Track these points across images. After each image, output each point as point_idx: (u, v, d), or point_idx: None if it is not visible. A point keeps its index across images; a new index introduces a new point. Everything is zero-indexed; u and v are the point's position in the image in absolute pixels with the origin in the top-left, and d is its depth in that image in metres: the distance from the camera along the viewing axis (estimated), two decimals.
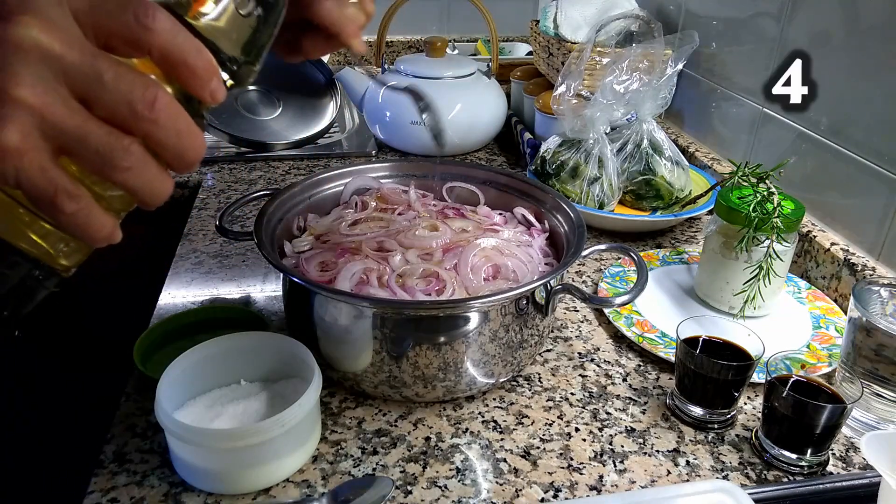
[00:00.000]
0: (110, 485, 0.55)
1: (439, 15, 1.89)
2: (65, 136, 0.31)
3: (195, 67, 0.34)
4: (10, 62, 0.30)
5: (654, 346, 0.73)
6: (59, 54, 0.31)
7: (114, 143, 0.32)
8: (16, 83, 0.30)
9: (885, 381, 0.61)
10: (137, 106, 0.32)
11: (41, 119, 0.31)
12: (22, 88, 0.30)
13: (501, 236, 0.72)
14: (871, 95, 0.82)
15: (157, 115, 0.33)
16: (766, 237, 0.74)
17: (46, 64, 0.30)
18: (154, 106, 0.32)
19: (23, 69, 0.30)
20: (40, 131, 0.31)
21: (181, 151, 0.34)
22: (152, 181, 0.34)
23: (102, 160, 0.32)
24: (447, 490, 0.56)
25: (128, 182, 0.33)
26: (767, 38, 1.00)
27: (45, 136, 0.31)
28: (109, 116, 0.32)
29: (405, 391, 0.63)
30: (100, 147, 0.32)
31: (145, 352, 0.67)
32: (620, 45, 1.04)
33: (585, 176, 0.98)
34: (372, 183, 0.81)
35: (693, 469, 0.60)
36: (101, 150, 0.32)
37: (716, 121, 1.17)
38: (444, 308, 0.60)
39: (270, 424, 0.52)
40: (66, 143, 0.31)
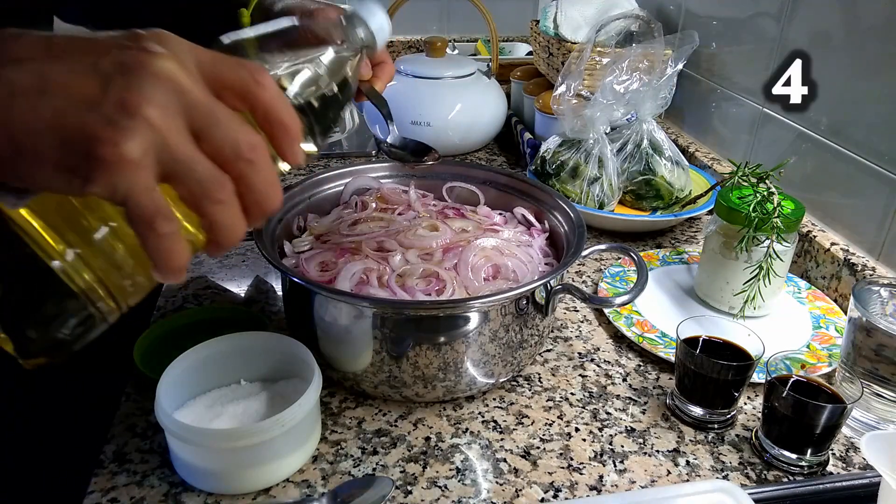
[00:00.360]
0: (110, 485, 0.55)
1: (439, 15, 1.89)
2: (175, 162, 0.34)
3: (289, 127, 0.39)
4: (146, 85, 0.33)
5: (654, 346, 0.73)
6: (187, 90, 0.34)
7: (215, 176, 0.35)
8: (147, 103, 0.32)
9: (885, 381, 0.61)
10: (242, 147, 0.36)
11: (161, 141, 0.33)
12: (151, 109, 0.32)
13: (501, 236, 0.72)
14: (871, 95, 0.82)
15: (256, 159, 0.36)
16: (766, 237, 0.74)
17: (175, 95, 0.34)
18: (255, 150, 0.36)
19: (155, 94, 0.33)
20: (156, 152, 0.33)
21: (264, 198, 0.37)
22: (234, 221, 0.37)
23: (202, 190, 0.35)
24: (447, 490, 0.56)
25: (216, 215, 0.36)
26: (767, 38, 1.00)
27: (158, 157, 0.33)
28: (213, 153, 0.35)
29: (405, 391, 0.63)
30: (203, 177, 0.35)
31: (145, 352, 0.67)
32: (620, 45, 1.04)
33: (585, 176, 0.98)
34: (372, 183, 0.81)
35: (693, 469, 0.60)
36: (203, 180, 0.35)
37: (716, 121, 1.17)
38: (444, 308, 0.60)
39: (270, 424, 0.52)
40: (174, 169, 0.34)
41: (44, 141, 0.32)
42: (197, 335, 0.61)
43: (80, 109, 0.32)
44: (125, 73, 0.33)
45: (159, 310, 0.78)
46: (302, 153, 0.40)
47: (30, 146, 0.32)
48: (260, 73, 0.38)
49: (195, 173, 0.34)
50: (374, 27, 0.53)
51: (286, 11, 0.64)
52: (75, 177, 0.32)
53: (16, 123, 0.32)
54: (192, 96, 0.34)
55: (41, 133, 0.32)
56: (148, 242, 0.34)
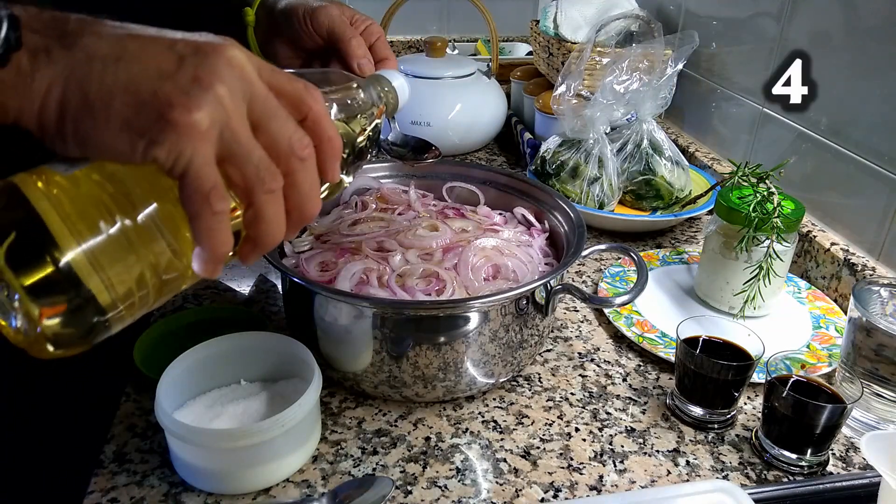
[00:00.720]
0: (110, 485, 0.55)
1: (439, 15, 1.89)
2: (236, 144, 0.35)
3: (334, 142, 0.41)
4: (220, 66, 0.34)
5: (654, 346, 0.73)
6: (252, 80, 0.36)
7: (270, 166, 0.37)
8: (219, 81, 0.34)
9: (885, 381, 0.61)
10: (296, 144, 0.38)
11: (227, 120, 0.34)
12: (223, 88, 0.34)
13: (501, 236, 0.72)
14: (871, 95, 0.82)
15: (307, 159, 0.38)
16: (766, 237, 0.74)
17: (241, 82, 0.35)
18: (307, 150, 0.38)
19: (227, 76, 0.35)
20: (220, 130, 0.34)
21: (307, 201, 0.39)
22: (278, 217, 0.38)
23: (257, 176, 0.36)
24: (447, 490, 0.56)
25: (265, 205, 0.37)
26: (767, 38, 1.00)
27: (221, 136, 0.34)
28: (269, 145, 0.37)
29: (405, 391, 0.63)
30: (259, 164, 0.36)
31: (145, 352, 0.67)
32: (620, 45, 1.04)
33: (585, 176, 0.98)
34: (372, 183, 0.81)
35: (693, 469, 0.60)
36: (259, 166, 0.36)
37: (716, 121, 1.17)
38: (444, 308, 0.60)
39: (270, 424, 0.52)
40: (234, 150, 0.35)
41: (117, 100, 0.33)
42: (197, 335, 0.61)
43: (155, 78, 0.33)
44: (199, 54, 0.34)
45: (159, 310, 0.78)
46: (339, 173, 0.43)
47: (102, 104, 0.33)
48: (313, 87, 0.40)
49: (253, 158, 0.36)
50: (396, 84, 0.58)
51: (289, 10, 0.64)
52: (141, 138, 0.33)
53: (92, 82, 0.33)
54: (257, 88, 0.36)
55: (115, 93, 0.33)
56: (200, 219, 0.35)
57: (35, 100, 0.33)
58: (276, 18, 0.65)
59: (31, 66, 0.33)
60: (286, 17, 0.64)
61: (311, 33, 0.63)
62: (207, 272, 0.37)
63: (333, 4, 0.64)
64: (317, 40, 0.64)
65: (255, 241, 0.38)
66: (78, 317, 0.35)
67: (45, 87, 0.33)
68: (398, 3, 1.27)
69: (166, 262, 0.37)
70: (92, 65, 0.33)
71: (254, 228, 0.38)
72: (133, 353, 0.66)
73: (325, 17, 0.62)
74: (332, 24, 0.62)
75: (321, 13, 0.62)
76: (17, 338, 0.35)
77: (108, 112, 0.33)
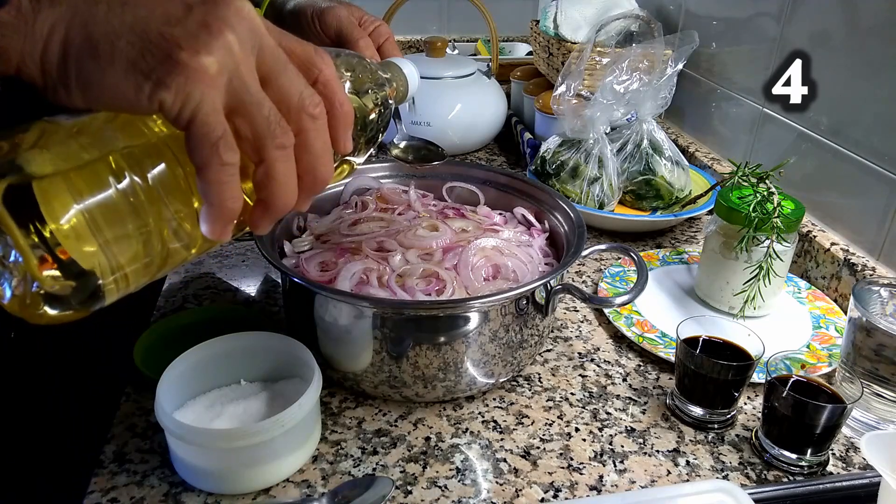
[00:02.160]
0: (110, 485, 0.55)
1: (439, 15, 1.89)
2: (245, 94, 0.34)
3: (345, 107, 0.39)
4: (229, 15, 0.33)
5: (654, 346, 0.73)
6: (262, 32, 0.35)
7: (279, 120, 0.35)
8: (229, 29, 0.33)
9: (885, 381, 0.61)
10: (307, 100, 0.36)
11: (236, 69, 0.33)
12: (231, 35, 0.33)
13: (501, 236, 0.72)
14: (871, 95, 0.82)
15: (318, 117, 0.36)
16: (766, 237, 0.74)
17: (251, 34, 0.34)
18: (318, 109, 0.37)
19: (238, 25, 0.33)
20: (228, 79, 0.33)
21: (318, 164, 0.38)
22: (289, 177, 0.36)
23: (268, 129, 0.34)
24: (447, 490, 0.56)
25: (275, 162, 0.35)
26: (767, 38, 1.00)
27: (230, 85, 0.33)
28: (279, 99, 0.35)
29: (405, 391, 0.63)
30: (270, 116, 0.34)
31: (145, 352, 0.67)
32: (620, 45, 1.04)
33: (585, 176, 0.98)
34: (372, 183, 0.81)
35: (693, 469, 0.60)
36: (270, 118, 0.34)
37: (716, 121, 1.17)
38: (444, 308, 0.60)
39: (270, 424, 0.52)
40: (243, 101, 0.34)
41: (122, 40, 0.32)
42: (197, 335, 0.61)
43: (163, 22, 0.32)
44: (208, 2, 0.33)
45: (159, 310, 0.78)
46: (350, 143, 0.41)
47: (106, 44, 0.32)
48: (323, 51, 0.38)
49: (263, 110, 0.34)
50: (406, 72, 0.58)
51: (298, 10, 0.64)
52: (147, 80, 0.32)
53: (97, 24, 0.32)
54: (266, 40, 0.35)
55: (120, 34, 0.32)
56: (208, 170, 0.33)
57: (38, 42, 0.32)
58: (284, 19, 0.65)
59: (33, 6, 0.32)
60: (295, 17, 0.64)
61: (320, 34, 0.63)
62: (216, 233, 0.35)
63: (342, 5, 0.64)
64: (325, 41, 0.63)
65: (266, 203, 0.37)
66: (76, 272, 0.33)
67: (48, 28, 0.32)
68: (398, 3, 1.27)
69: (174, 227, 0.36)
70: (97, 6, 0.32)
71: (265, 189, 0.36)
72: (133, 353, 0.66)
73: (333, 18, 0.62)
74: (340, 25, 0.62)
75: (329, 14, 0.62)
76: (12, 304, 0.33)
77: (113, 52, 0.32)
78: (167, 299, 0.80)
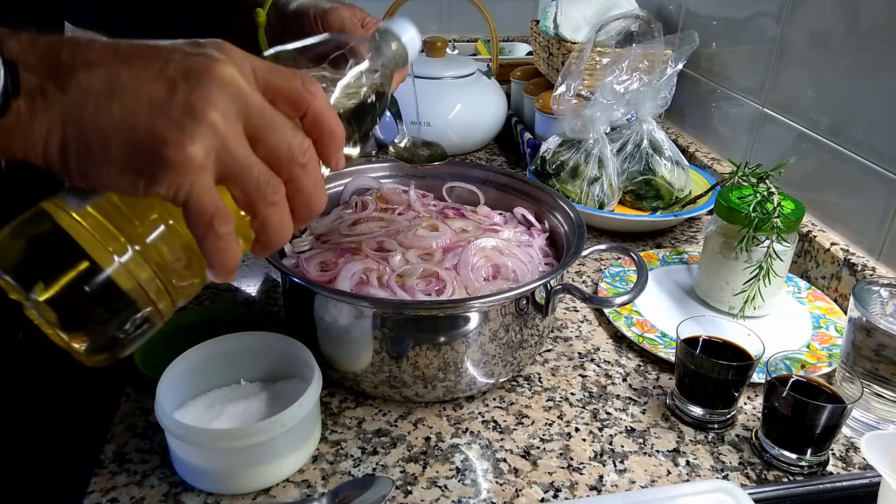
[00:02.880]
0: (110, 485, 0.55)
1: (439, 15, 1.89)
2: (234, 164, 0.35)
3: (336, 134, 0.40)
4: (210, 90, 0.34)
5: (654, 346, 0.73)
6: (246, 94, 0.36)
7: (270, 179, 0.37)
8: (212, 107, 0.34)
9: (885, 381, 0.61)
10: (295, 150, 0.37)
11: (223, 144, 0.34)
12: (215, 113, 0.34)
13: (501, 236, 0.72)
14: (871, 95, 0.82)
15: (307, 163, 0.38)
16: (766, 237, 0.74)
17: (235, 100, 0.35)
18: (307, 154, 0.38)
19: (218, 98, 0.34)
20: (217, 154, 0.34)
21: (312, 200, 0.39)
22: (284, 222, 0.38)
23: (258, 192, 0.36)
24: (447, 490, 0.56)
25: (269, 217, 0.37)
26: (767, 38, 1.00)
27: (219, 159, 0.35)
28: (268, 156, 0.37)
29: (405, 391, 0.63)
30: (260, 178, 0.36)
31: (145, 352, 0.67)
32: (620, 45, 1.04)
33: (585, 176, 0.98)
34: (372, 183, 0.81)
35: (693, 469, 0.60)
36: (259, 181, 0.36)
37: (716, 121, 1.17)
38: (444, 308, 0.60)
39: (270, 424, 0.52)
40: (233, 171, 0.35)
41: (113, 142, 0.33)
42: (197, 335, 0.61)
43: (148, 112, 0.33)
44: (190, 77, 0.34)
45: None
46: (343, 158, 0.42)
47: (100, 147, 0.34)
48: (310, 81, 0.39)
49: (252, 175, 0.36)
50: (406, 40, 0.55)
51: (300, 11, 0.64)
52: (140, 177, 0.34)
53: (88, 124, 0.33)
54: (251, 101, 0.36)
55: (111, 135, 0.33)
56: (206, 242, 0.35)
57: (38, 143, 0.34)
58: (287, 20, 0.65)
59: (30, 110, 0.34)
60: (297, 18, 0.64)
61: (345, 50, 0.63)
62: (222, 280, 0.38)
63: (344, 6, 0.63)
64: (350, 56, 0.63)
65: (264, 243, 0.39)
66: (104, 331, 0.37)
67: (45, 130, 0.34)
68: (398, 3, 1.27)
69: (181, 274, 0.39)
70: (87, 104, 0.34)
71: (262, 235, 0.39)
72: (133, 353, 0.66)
73: (335, 19, 0.62)
74: (342, 26, 0.62)
75: (332, 15, 0.62)
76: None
77: (107, 154, 0.34)
78: None
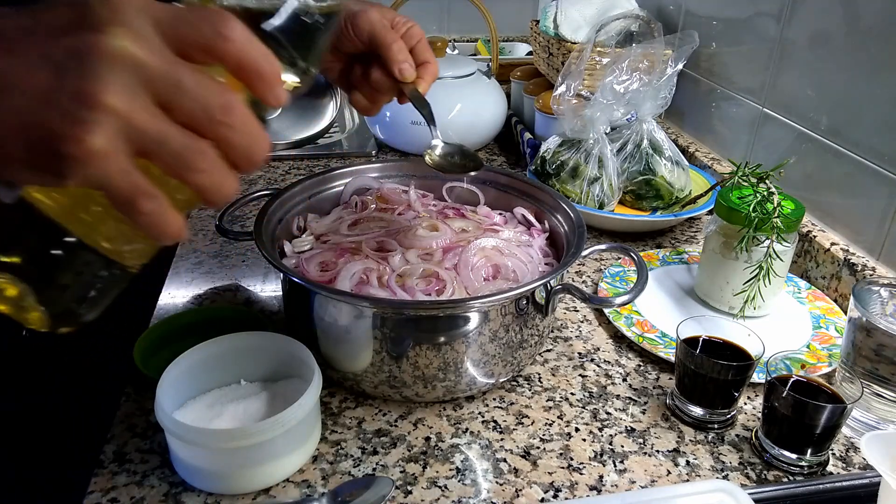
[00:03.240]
0: (110, 485, 0.55)
1: (439, 15, 1.89)
2: (146, 140, 0.33)
3: (265, 73, 0.37)
4: (101, 70, 0.31)
5: (654, 346, 0.73)
6: (145, 63, 0.33)
7: (191, 146, 0.34)
8: (105, 90, 0.31)
9: (885, 381, 0.61)
10: (214, 111, 0.34)
11: (126, 124, 0.32)
12: (111, 96, 0.31)
13: (501, 236, 0.72)
14: (871, 95, 0.82)
15: (232, 120, 0.35)
16: (766, 237, 0.74)
17: (133, 72, 0.32)
18: (228, 111, 0.35)
19: (112, 77, 0.32)
20: (124, 135, 0.32)
21: (250, 152, 0.36)
22: (222, 181, 0.36)
23: (180, 162, 0.34)
24: (447, 490, 0.56)
25: (202, 183, 0.35)
26: (767, 38, 1.00)
27: (128, 139, 0.32)
28: (187, 121, 0.34)
29: (405, 391, 0.63)
30: (179, 150, 0.34)
31: (145, 352, 0.67)
32: (620, 45, 1.04)
33: (585, 176, 0.98)
34: (372, 183, 0.81)
35: (693, 469, 0.60)
36: (180, 152, 0.34)
37: (716, 121, 1.17)
38: (444, 308, 0.60)
39: (270, 424, 0.52)
40: (146, 146, 0.33)
41: (9, 143, 0.32)
42: (197, 335, 0.61)
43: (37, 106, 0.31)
44: (77, 58, 0.31)
45: (159, 310, 0.78)
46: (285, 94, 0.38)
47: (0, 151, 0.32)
48: (223, 23, 0.35)
49: (169, 147, 0.34)
50: None
51: None
52: (47, 174, 0.32)
53: None
54: (152, 68, 0.33)
55: (7, 137, 0.32)
56: (135, 220, 0.34)
57: None
58: None
59: None
60: None
61: (352, 38, 0.63)
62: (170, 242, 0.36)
63: (374, 8, 0.63)
64: (358, 45, 0.63)
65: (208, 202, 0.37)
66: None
67: None
68: (398, 4, 1.27)
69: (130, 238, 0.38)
70: None
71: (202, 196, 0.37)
72: (133, 353, 0.66)
73: (365, 22, 0.62)
74: (372, 28, 0.62)
75: (362, 18, 0.62)
76: None
77: (10, 157, 0.32)
78: (167, 299, 0.80)
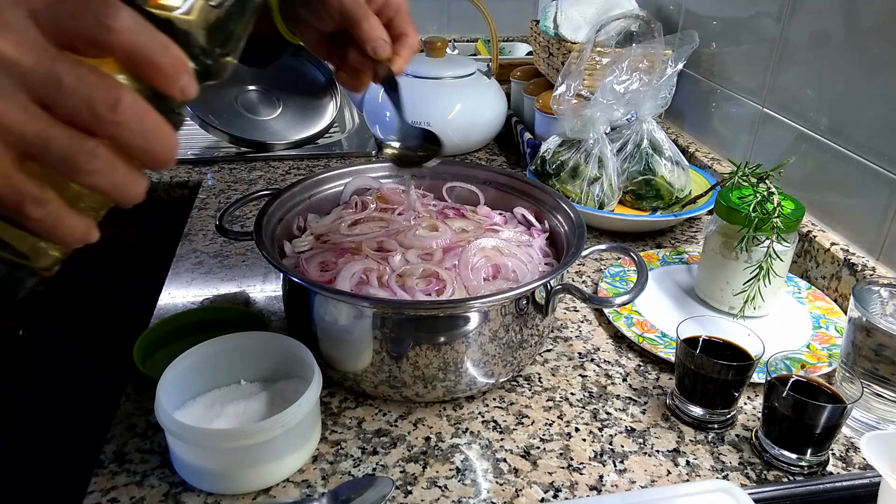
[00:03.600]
0: (110, 485, 0.55)
1: (439, 15, 1.89)
2: (26, 143, 0.30)
3: (162, 65, 0.33)
4: None
5: (654, 346, 0.73)
6: (15, 59, 0.30)
7: (77, 146, 0.31)
8: None
9: (885, 381, 0.61)
10: (99, 108, 0.31)
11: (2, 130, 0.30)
12: None
13: (501, 236, 0.72)
14: (871, 95, 0.82)
15: (121, 117, 0.32)
16: (766, 237, 0.74)
17: (3, 71, 0.30)
18: (117, 108, 0.31)
19: None
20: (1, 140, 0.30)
21: (150, 151, 0.33)
22: (123, 182, 0.33)
23: (67, 164, 0.31)
24: (447, 490, 0.56)
25: (96, 184, 0.32)
26: (767, 38, 1.00)
27: (5, 143, 0.30)
28: (71, 120, 0.31)
29: (405, 391, 0.63)
30: (63, 151, 0.31)
31: (145, 352, 0.67)
32: (620, 45, 1.04)
33: (585, 176, 0.98)
34: (372, 183, 0.81)
35: (693, 469, 0.60)
36: (64, 154, 0.31)
37: (716, 121, 1.17)
38: (444, 308, 0.60)
39: (270, 424, 0.52)
40: (27, 149, 0.31)
41: None
42: (197, 335, 0.61)
43: None
44: None
45: (159, 310, 0.78)
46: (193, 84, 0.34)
47: None
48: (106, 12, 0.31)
49: (52, 149, 0.31)
50: None
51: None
52: None
53: None
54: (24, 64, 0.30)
55: None
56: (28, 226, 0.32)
57: None
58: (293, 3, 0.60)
59: None
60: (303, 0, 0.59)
61: (325, 17, 0.57)
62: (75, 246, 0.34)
63: None
64: (331, 23, 0.58)
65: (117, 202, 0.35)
66: None
67: None
68: None
69: None
70: None
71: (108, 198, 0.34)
72: (133, 353, 0.66)
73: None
74: (341, 4, 0.56)
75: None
76: None
77: None
78: (167, 299, 0.80)
